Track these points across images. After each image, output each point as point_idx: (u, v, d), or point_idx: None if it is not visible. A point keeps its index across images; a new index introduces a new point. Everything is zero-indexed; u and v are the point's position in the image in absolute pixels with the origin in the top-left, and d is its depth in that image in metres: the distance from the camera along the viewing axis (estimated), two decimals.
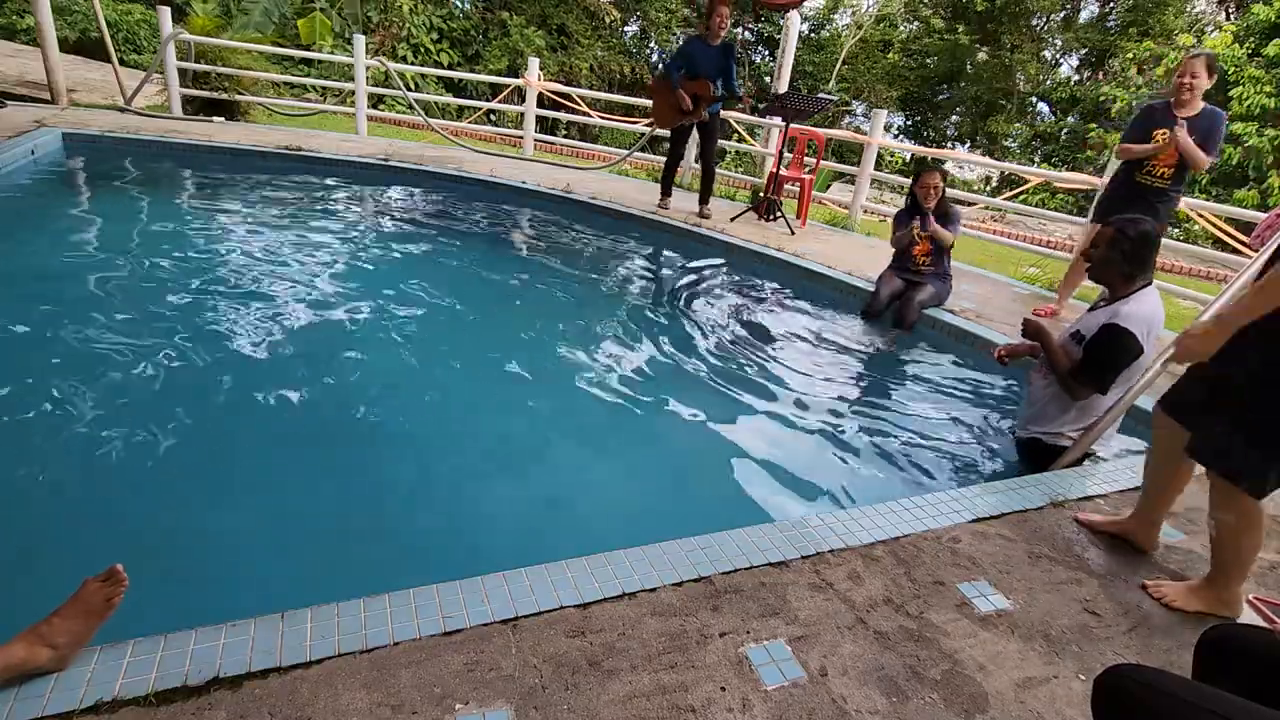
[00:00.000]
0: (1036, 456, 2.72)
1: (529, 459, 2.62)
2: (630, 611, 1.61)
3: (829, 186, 11.33)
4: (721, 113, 6.37)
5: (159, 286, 3.56)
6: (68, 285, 3.45)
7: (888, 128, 19.38)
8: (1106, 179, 4.94)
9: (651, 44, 19.19)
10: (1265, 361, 1.69)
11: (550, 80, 12.35)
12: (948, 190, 4.39)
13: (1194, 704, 0.95)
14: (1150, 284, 2.48)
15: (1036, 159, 18.17)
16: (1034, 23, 19.23)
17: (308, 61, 12.50)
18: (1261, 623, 1.92)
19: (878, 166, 7.35)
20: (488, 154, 8.26)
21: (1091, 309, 2.63)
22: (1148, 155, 3.99)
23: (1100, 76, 18.60)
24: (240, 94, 8.82)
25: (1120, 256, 2.43)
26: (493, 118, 14.46)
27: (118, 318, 3.17)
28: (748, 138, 8.77)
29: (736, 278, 5.26)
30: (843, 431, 3.08)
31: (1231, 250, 5.73)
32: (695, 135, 6.55)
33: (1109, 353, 2.44)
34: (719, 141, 6.76)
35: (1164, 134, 3.93)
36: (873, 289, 4.53)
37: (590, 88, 15.48)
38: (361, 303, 3.74)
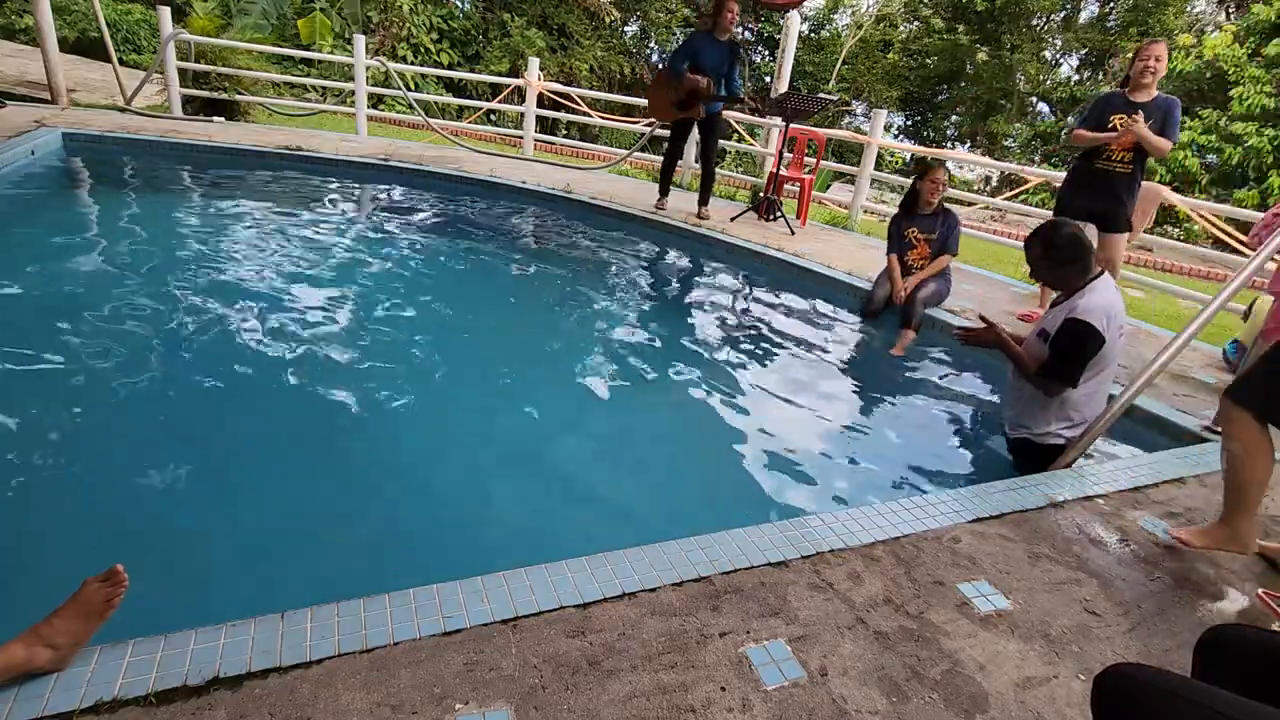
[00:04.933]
0: (1029, 456, 2.71)
1: (529, 459, 2.62)
2: (630, 611, 1.61)
3: (829, 186, 11.33)
4: (723, 112, 6.33)
5: (159, 287, 3.56)
6: (67, 286, 3.45)
7: (888, 128, 19.40)
8: None
9: (651, 44, 19.19)
10: None
11: (550, 80, 12.35)
12: (947, 190, 4.35)
13: (1194, 703, 0.95)
14: (1101, 274, 2.54)
15: (1036, 159, 18.17)
16: (1034, 23, 19.24)
17: (308, 61, 12.51)
18: (1271, 617, 1.92)
19: (878, 166, 7.35)
20: (488, 154, 8.26)
21: (1053, 305, 2.67)
22: (1106, 142, 3.98)
23: (1100, 76, 18.61)
24: (240, 94, 8.82)
25: (1062, 263, 2.54)
26: (493, 118, 14.46)
27: (117, 317, 3.17)
28: (748, 138, 8.77)
29: (736, 278, 5.26)
30: (843, 431, 3.08)
31: (1231, 250, 5.74)
32: (696, 134, 6.53)
33: (1073, 346, 2.48)
34: (719, 142, 6.74)
35: (1121, 118, 3.93)
36: (870, 289, 4.53)
37: (590, 88, 15.49)
38: (362, 302, 3.74)
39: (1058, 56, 19.99)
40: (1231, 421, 1.94)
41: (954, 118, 21.24)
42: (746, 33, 19.96)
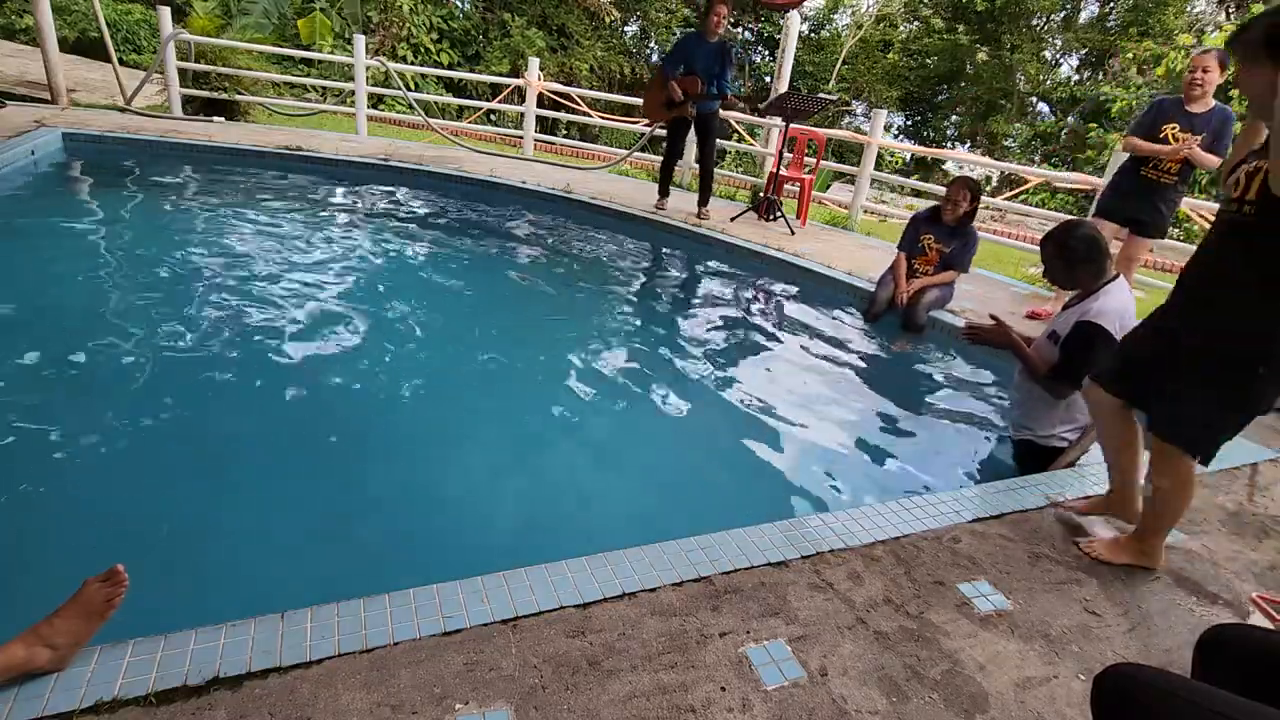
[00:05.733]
0: (1032, 458, 2.71)
1: (529, 459, 2.62)
2: (630, 611, 1.61)
3: (829, 186, 11.33)
4: (721, 113, 6.34)
5: (159, 287, 3.56)
6: (67, 286, 3.45)
7: (888, 128, 19.40)
8: (1107, 178, 4.91)
9: (651, 44, 19.19)
10: (1211, 331, 1.73)
11: (550, 80, 12.35)
12: (967, 208, 4.16)
13: (1194, 703, 0.95)
14: (1117, 277, 2.52)
15: (1036, 159, 18.17)
16: (1034, 23, 19.23)
17: (308, 61, 12.50)
18: (1265, 621, 1.92)
19: (878, 166, 7.35)
20: (488, 154, 8.26)
21: (1065, 308, 2.66)
22: (1159, 155, 3.92)
23: (1100, 76, 18.61)
24: (240, 94, 8.82)
25: (1076, 264, 2.51)
26: (493, 118, 14.45)
27: (118, 318, 3.17)
28: (748, 138, 8.77)
29: (736, 278, 5.25)
30: (843, 431, 3.08)
31: None
32: (693, 135, 6.54)
33: (1085, 350, 2.46)
34: (719, 142, 6.73)
35: (1173, 129, 3.88)
36: (872, 290, 4.52)
37: (590, 88, 15.49)
38: (361, 303, 3.74)
39: (1058, 56, 19.98)
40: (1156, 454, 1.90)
41: (954, 118, 21.24)
42: (746, 33, 19.97)
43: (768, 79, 17.93)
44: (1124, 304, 2.47)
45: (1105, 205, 4.30)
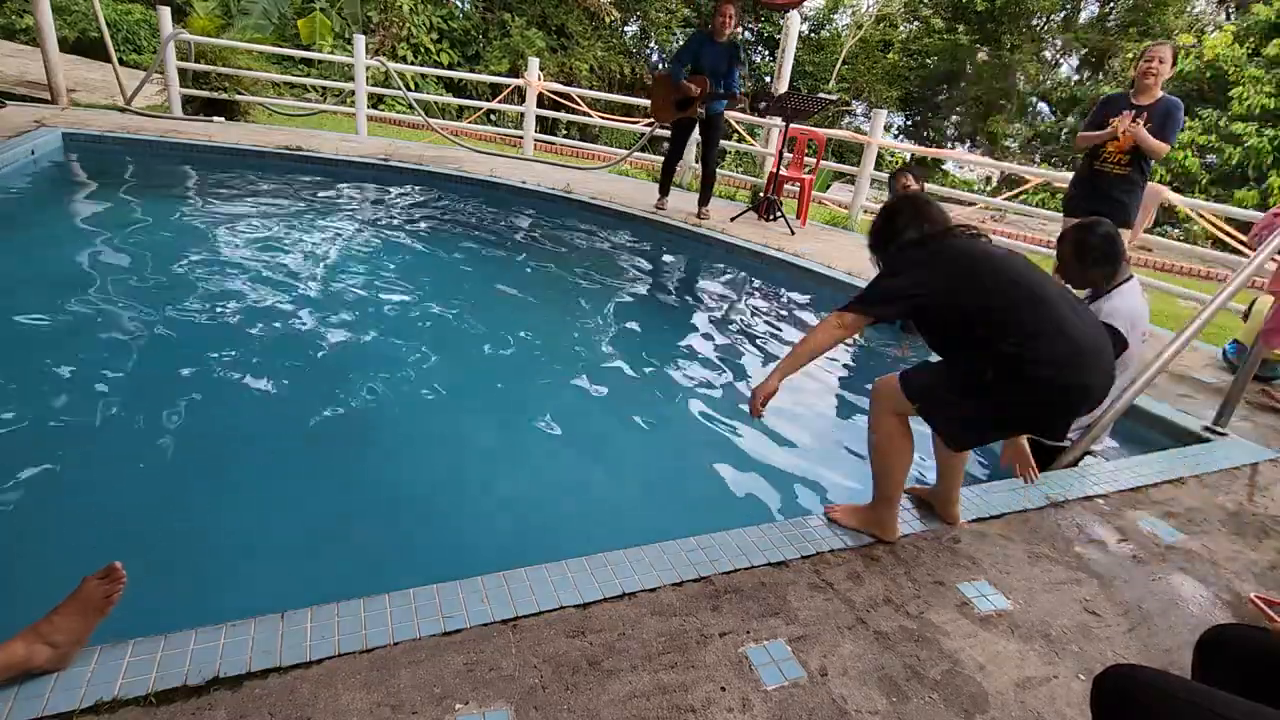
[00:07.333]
0: (1034, 457, 2.71)
1: (529, 459, 2.62)
2: (630, 611, 1.61)
3: (829, 186, 11.33)
4: (725, 113, 6.34)
5: (159, 287, 3.56)
6: (67, 286, 3.44)
7: (888, 128, 19.39)
8: None
9: (651, 44, 19.20)
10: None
11: (550, 80, 12.35)
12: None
13: (1193, 703, 0.95)
14: (1131, 278, 2.50)
15: (1037, 159, 18.18)
16: (1034, 23, 19.24)
17: (308, 61, 12.50)
18: (1264, 620, 1.92)
19: (878, 167, 7.35)
20: (488, 154, 8.26)
21: None
22: (1102, 141, 3.93)
23: (1100, 76, 18.61)
24: (240, 94, 8.82)
25: (1092, 262, 2.48)
26: (493, 118, 14.45)
27: (117, 318, 3.17)
28: (748, 138, 8.77)
29: (736, 278, 5.26)
30: (843, 432, 3.08)
31: (1231, 250, 5.74)
32: (697, 135, 6.53)
33: None
34: (720, 142, 6.73)
35: (1118, 120, 3.90)
36: None
37: (590, 88, 15.48)
38: (361, 303, 3.74)
39: (1057, 56, 20.00)
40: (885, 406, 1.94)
41: (954, 118, 21.25)
42: (746, 33, 19.95)
43: (768, 79, 17.92)
44: (1135, 306, 2.43)
45: (1071, 202, 4.32)
